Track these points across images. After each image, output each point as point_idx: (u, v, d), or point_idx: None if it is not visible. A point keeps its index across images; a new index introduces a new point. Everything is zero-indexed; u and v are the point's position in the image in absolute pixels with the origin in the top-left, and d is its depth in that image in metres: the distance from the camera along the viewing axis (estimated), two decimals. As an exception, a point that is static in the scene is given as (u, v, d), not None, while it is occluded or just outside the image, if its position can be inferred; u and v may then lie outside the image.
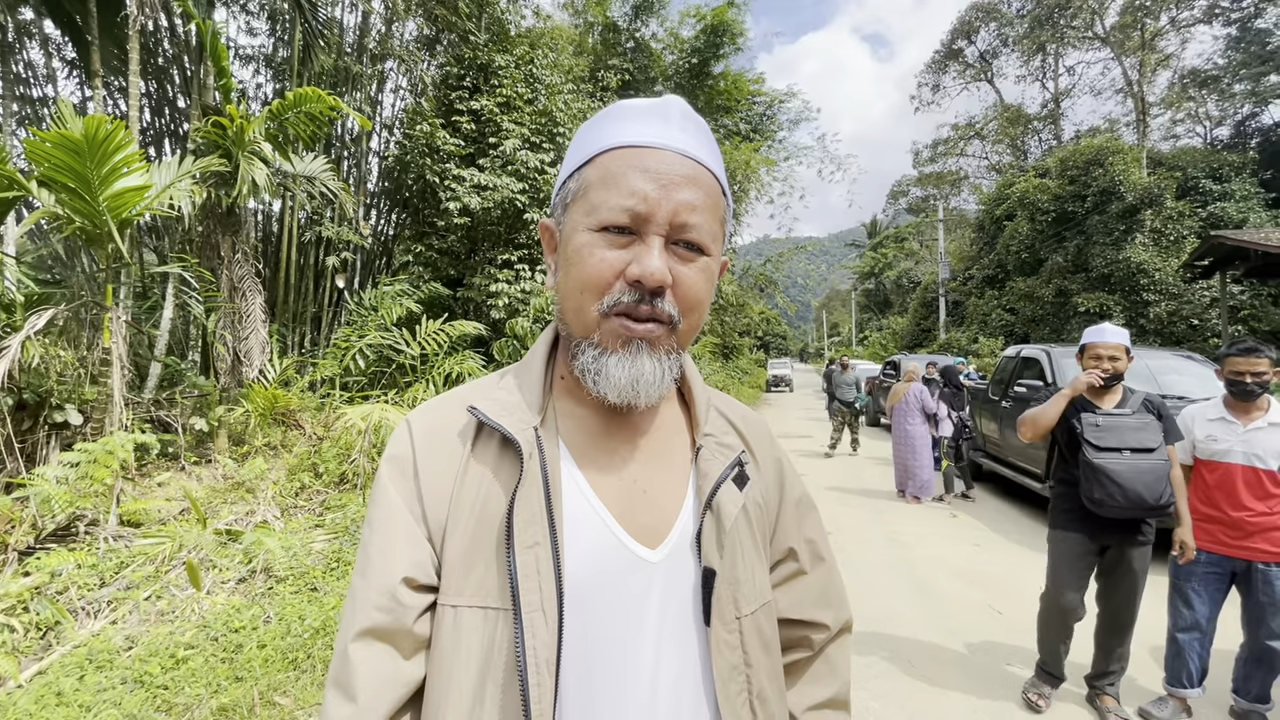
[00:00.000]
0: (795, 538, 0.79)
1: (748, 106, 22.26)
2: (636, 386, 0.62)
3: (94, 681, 2.68)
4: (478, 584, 0.61)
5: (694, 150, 0.64)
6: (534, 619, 0.58)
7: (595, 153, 0.65)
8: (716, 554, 0.65)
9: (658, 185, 0.61)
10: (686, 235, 0.62)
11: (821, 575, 0.80)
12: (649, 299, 0.61)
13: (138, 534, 4.12)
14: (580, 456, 0.68)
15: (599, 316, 0.62)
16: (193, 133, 6.71)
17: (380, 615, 0.61)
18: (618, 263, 0.61)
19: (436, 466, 0.66)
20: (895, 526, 6.01)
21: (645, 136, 0.63)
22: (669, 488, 0.69)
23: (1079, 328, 18.55)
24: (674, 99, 0.68)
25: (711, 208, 0.64)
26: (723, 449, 0.71)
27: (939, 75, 36.63)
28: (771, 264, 22.92)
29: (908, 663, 3.31)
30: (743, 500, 0.69)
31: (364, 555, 0.64)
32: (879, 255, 46.60)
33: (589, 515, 0.64)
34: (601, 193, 0.63)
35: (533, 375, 0.70)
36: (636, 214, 0.61)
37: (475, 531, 0.62)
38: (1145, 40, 26.45)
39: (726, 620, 0.65)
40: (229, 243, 6.65)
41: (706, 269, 0.65)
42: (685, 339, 0.66)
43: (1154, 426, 2.69)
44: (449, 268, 9.98)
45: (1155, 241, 18.57)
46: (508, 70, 9.98)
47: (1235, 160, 20.50)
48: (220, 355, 6.71)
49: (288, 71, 8.87)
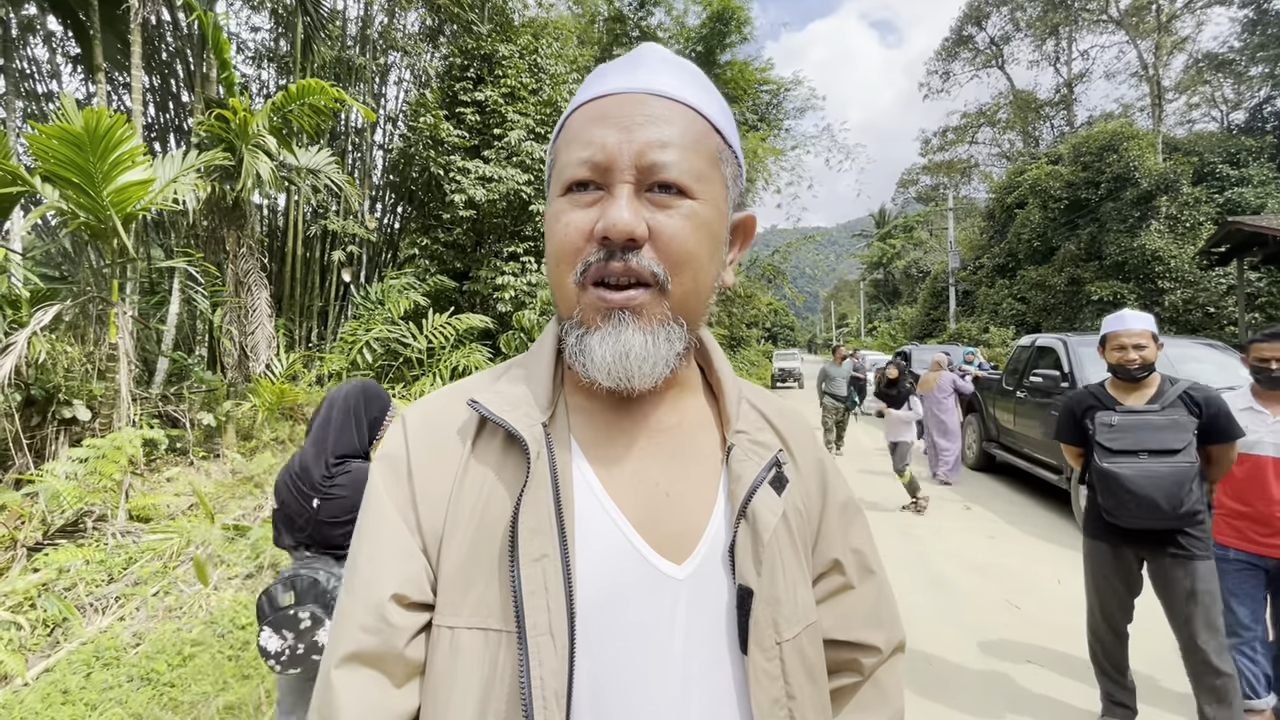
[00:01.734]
0: (840, 548, 0.70)
1: (754, 95, 22.08)
2: (626, 363, 0.54)
3: (100, 679, 2.66)
4: (477, 602, 0.54)
5: (668, 89, 0.57)
6: (541, 643, 0.51)
7: (564, 118, 0.60)
8: (753, 570, 0.57)
9: (618, 129, 0.54)
10: (659, 176, 0.54)
11: (871, 590, 0.71)
12: (620, 254, 0.53)
13: (146, 529, 4.12)
14: (594, 456, 0.60)
15: (576, 289, 0.56)
16: (196, 126, 6.67)
17: (367, 637, 0.54)
18: (584, 223, 0.54)
19: (433, 467, 0.59)
20: (909, 520, 5.94)
21: (609, 86, 0.58)
22: (696, 492, 0.61)
23: (1092, 317, 18.32)
24: (651, 45, 0.61)
25: (692, 144, 0.56)
26: (757, 447, 0.63)
27: (949, 62, 36.12)
28: (779, 254, 22.77)
29: (925, 661, 3.24)
30: (782, 507, 0.61)
31: (351, 568, 0.58)
32: (887, 245, 46.20)
33: (604, 524, 0.57)
34: (564, 154, 0.57)
35: (541, 365, 0.63)
36: (595, 164, 0.54)
37: (475, 541, 0.55)
38: (1161, 23, 25.94)
39: (766, 647, 0.57)
40: (234, 237, 6.62)
41: (694, 214, 0.56)
42: (683, 304, 0.57)
43: (1185, 425, 2.36)
44: (455, 261, 9.94)
45: (1171, 228, 18.26)
46: (512, 60, 9.89)
47: (1253, 145, 20.11)
48: (227, 350, 6.70)
49: (290, 65, 8.82)
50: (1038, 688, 2.98)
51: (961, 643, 3.45)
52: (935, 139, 37.39)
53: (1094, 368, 6.09)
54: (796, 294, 25.06)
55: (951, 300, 26.61)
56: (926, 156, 38.29)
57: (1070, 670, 3.13)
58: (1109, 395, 2.56)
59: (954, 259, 27.46)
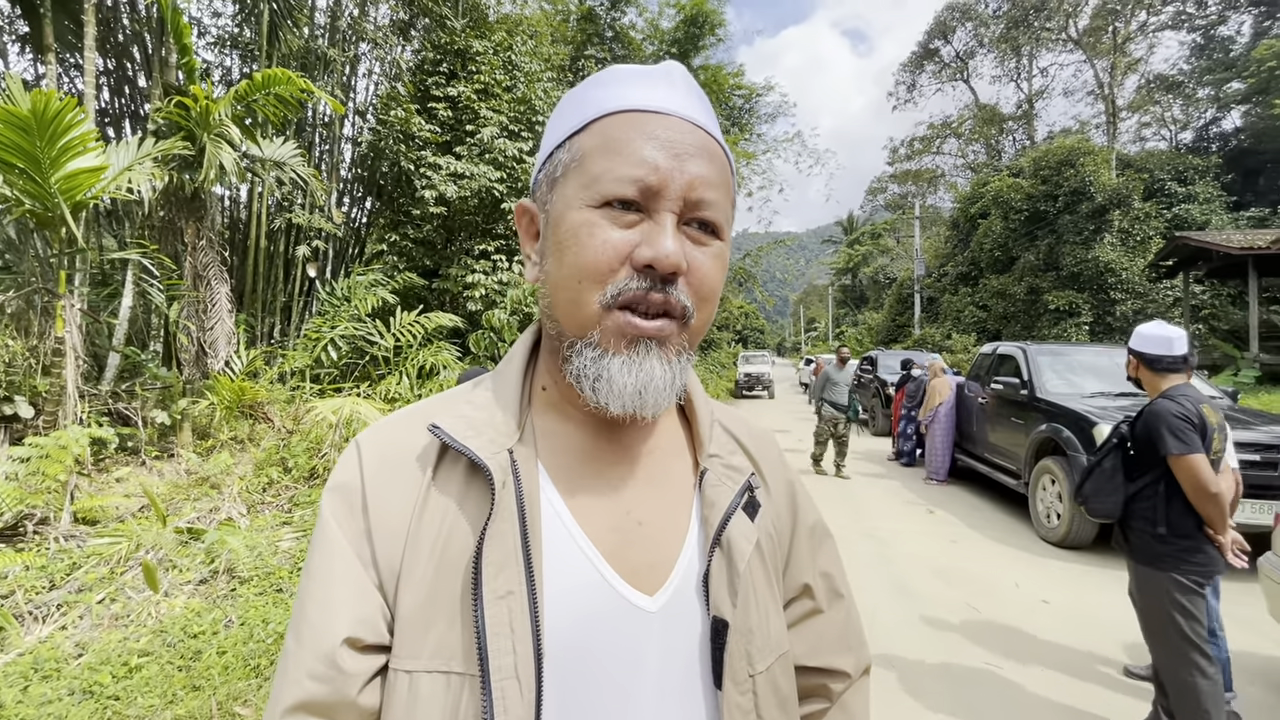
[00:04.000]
0: (810, 572, 0.69)
1: (728, 100, 22.27)
2: (644, 395, 0.53)
3: (39, 693, 2.52)
4: (438, 643, 0.50)
5: (704, 121, 0.56)
6: (506, 687, 0.48)
7: (593, 117, 0.55)
8: (729, 600, 0.56)
9: (670, 155, 0.52)
10: (701, 213, 0.54)
11: (840, 614, 0.71)
12: (660, 286, 0.52)
13: (92, 533, 3.93)
14: (563, 484, 0.58)
15: (600, 310, 0.53)
16: (154, 113, 6.41)
17: (316, 686, 0.50)
18: (623, 245, 0.52)
19: (390, 498, 0.55)
20: (873, 523, 6.04)
21: (652, 101, 0.55)
22: (669, 519, 0.59)
23: (1049, 325, 18.97)
24: (676, 64, 0.59)
25: (725, 185, 0.57)
26: (730, 472, 0.62)
27: (916, 74, 37.04)
28: (750, 258, 23.01)
29: (891, 665, 3.30)
30: (756, 534, 0.60)
31: (299, 609, 0.53)
32: (855, 251, 47.06)
33: (574, 555, 0.55)
34: (602, 161, 0.53)
35: (509, 387, 0.60)
36: (647, 186, 0.52)
37: (436, 579, 0.52)
38: (1116, 44, 27.04)
39: (739, 680, 0.56)
40: (193, 229, 6.38)
41: (721, 255, 0.56)
42: (696, 337, 0.57)
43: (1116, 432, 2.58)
44: (424, 258, 9.77)
45: (1123, 241, 19.04)
46: (486, 56, 9.77)
47: (1199, 164, 21.11)
48: (184, 346, 6.46)
49: (255, 53, 8.55)
50: (996, 688, 3.06)
51: (923, 645, 3.52)
52: (903, 148, 38.30)
53: (1052, 376, 6.29)
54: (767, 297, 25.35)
55: (917, 307, 27.25)
56: (894, 165, 39.20)
57: (1027, 671, 3.22)
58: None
59: (919, 266, 28.12)
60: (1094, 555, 5.02)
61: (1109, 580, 4.41)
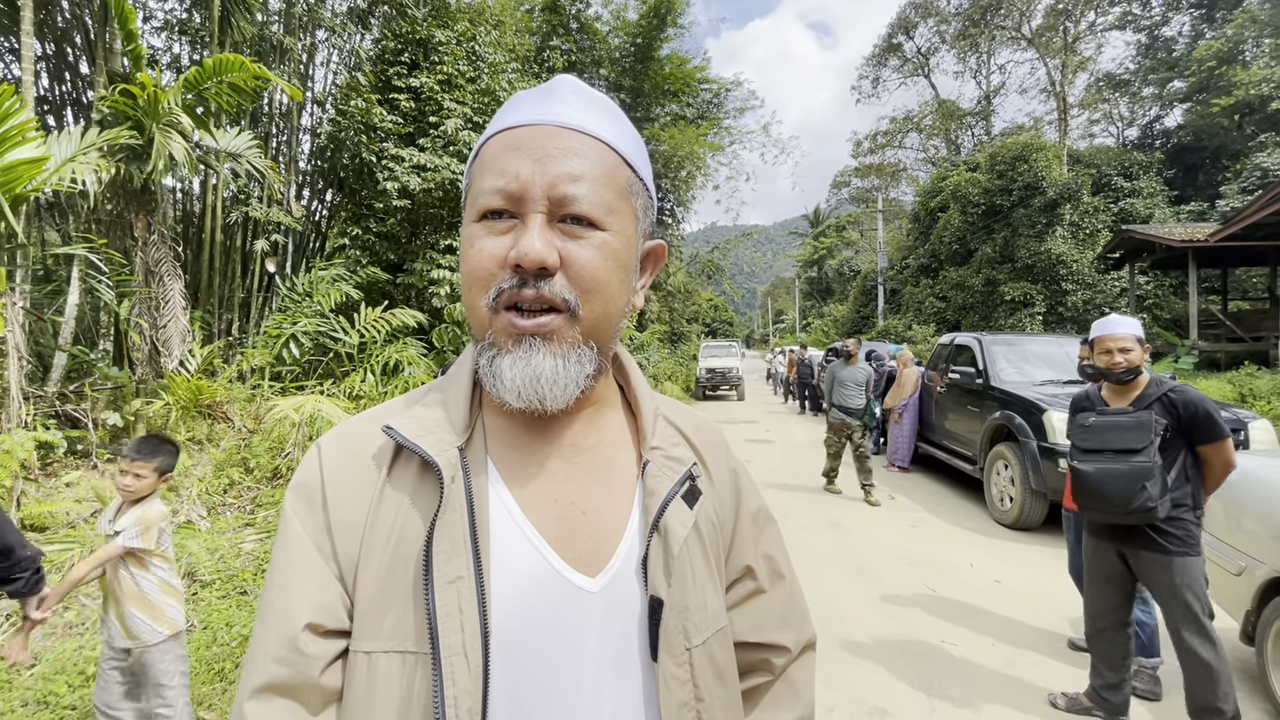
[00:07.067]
0: (752, 554, 0.74)
1: (694, 93, 22.30)
2: (537, 387, 0.57)
3: (-9, 704, 2.45)
4: (394, 626, 0.55)
5: (580, 122, 0.60)
6: (455, 663, 0.53)
7: (479, 145, 0.62)
8: (664, 580, 0.60)
9: (532, 160, 0.57)
10: (571, 209, 0.57)
11: (781, 594, 0.75)
12: (533, 282, 0.56)
13: (42, 540, 3.79)
14: (510, 477, 0.62)
15: (488, 313, 0.58)
16: (98, 102, 6.14)
17: (280, 669, 0.54)
18: (499, 250, 0.56)
19: (348, 495, 0.59)
20: (838, 510, 6.20)
21: (529, 116, 0.60)
22: (611, 508, 0.64)
23: (1005, 315, 19.60)
24: (565, 77, 0.64)
25: (603, 178, 0.59)
26: (671, 463, 0.66)
27: (879, 69, 37.59)
28: (719, 251, 23.13)
29: (853, 646, 3.42)
30: (693, 519, 0.64)
31: (265, 599, 0.58)
32: (820, 244, 47.77)
33: (520, 543, 0.59)
34: (479, 181, 0.59)
35: (459, 388, 0.64)
36: (509, 193, 0.56)
37: (391, 567, 0.56)
38: (1067, 43, 27.91)
39: (675, 653, 0.60)
40: (143, 223, 6.15)
41: (604, 245, 0.58)
42: (594, 328, 0.59)
43: (1149, 426, 2.41)
44: (388, 252, 9.58)
45: (1073, 234, 19.75)
46: (448, 47, 9.59)
47: (1143, 160, 22.00)
48: (136, 344, 6.23)
49: (206, 39, 8.25)
50: (951, 663, 3.21)
51: (883, 624, 3.66)
52: (866, 142, 38.86)
53: (1005, 365, 6.54)
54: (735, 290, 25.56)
55: (880, 298, 27.84)
56: (858, 159, 39.77)
57: (979, 646, 3.38)
58: (1100, 398, 2.67)
59: (882, 259, 28.70)
60: (1043, 536, 5.27)
61: (1055, 560, 4.63)
